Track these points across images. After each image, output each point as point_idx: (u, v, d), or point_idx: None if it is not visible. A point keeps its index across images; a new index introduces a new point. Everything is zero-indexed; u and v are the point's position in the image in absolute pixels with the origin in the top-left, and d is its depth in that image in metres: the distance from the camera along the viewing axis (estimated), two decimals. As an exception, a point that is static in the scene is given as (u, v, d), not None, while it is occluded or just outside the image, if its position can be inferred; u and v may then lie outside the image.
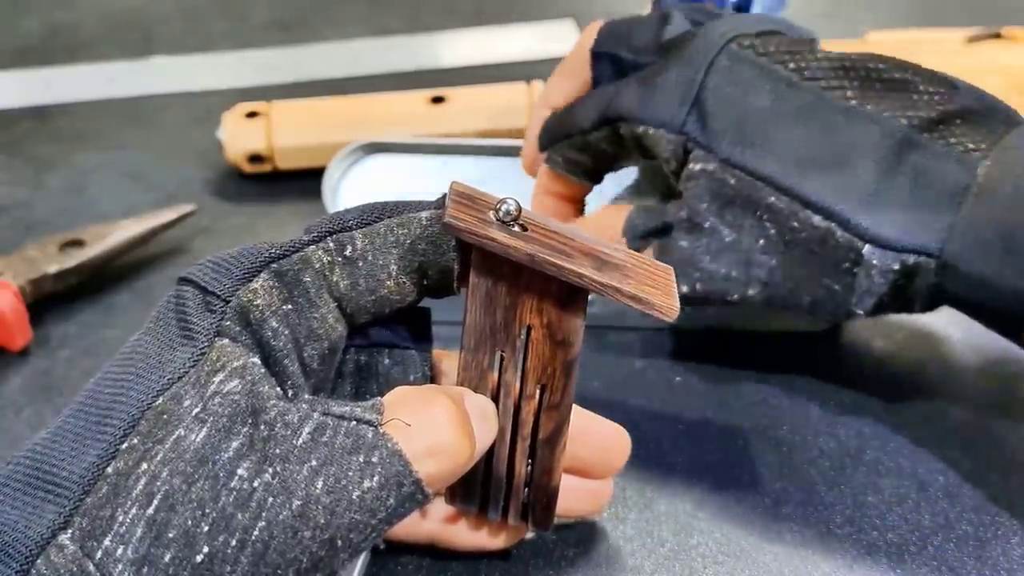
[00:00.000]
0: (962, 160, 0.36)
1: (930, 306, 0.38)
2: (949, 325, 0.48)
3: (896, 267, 0.36)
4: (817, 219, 0.37)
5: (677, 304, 0.30)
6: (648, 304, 0.30)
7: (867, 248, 0.36)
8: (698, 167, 0.39)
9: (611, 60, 0.45)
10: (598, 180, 0.46)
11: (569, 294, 0.30)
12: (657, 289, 0.30)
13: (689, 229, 0.40)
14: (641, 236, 0.41)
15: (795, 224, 0.37)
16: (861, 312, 0.38)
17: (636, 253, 0.32)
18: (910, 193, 0.36)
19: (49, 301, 0.50)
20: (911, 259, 0.36)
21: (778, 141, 0.38)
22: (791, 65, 0.39)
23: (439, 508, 0.36)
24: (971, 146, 0.36)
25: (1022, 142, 0.36)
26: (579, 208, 0.47)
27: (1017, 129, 0.36)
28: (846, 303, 0.38)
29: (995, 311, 0.36)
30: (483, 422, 0.31)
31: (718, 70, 0.40)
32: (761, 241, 0.38)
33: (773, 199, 0.38)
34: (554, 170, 0.46)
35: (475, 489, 0.34)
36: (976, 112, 0.37)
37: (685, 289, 0.40)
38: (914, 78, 0.38)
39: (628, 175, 0.50)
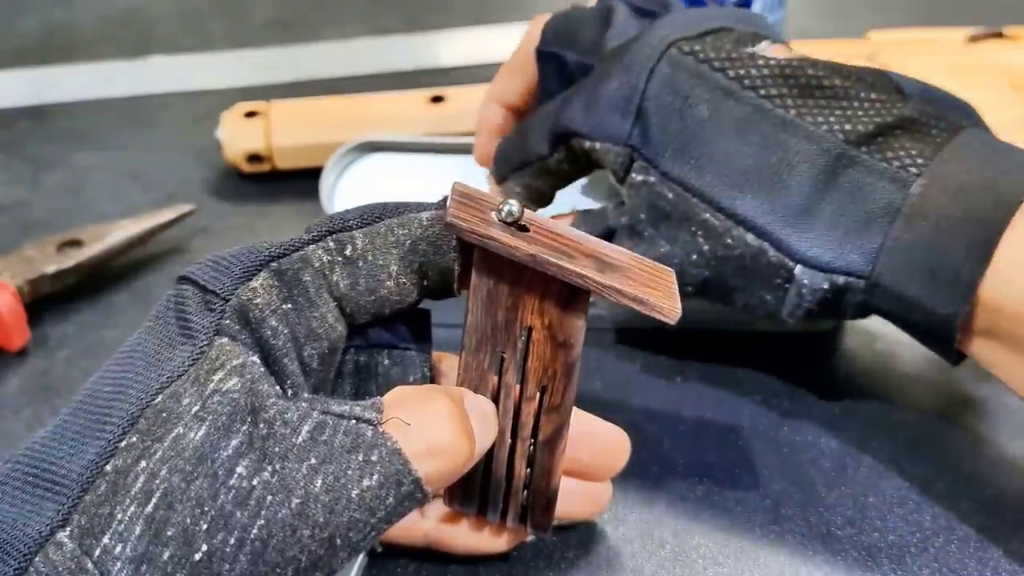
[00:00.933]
0: (897, 178, 0.35)
1: (860, 316, 0.38)
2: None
3: (825, 286, 0.36)
4: (750, 237, 0.37)
5: (678, 306, 0.30)
6: (649, 306, 0.30)
7: (798, 268, 0.37)
8: (639, 178, 0.40)
9: (554, 60, 0.45)
10: (550, 202, 0.47)
11: (571, 295, 0.31)
12: (658, 291, 0.30)
13: (629, 235, 0.40)
14: None
15: (728, 241, 0.38)
16: (790, 320, 0.38)
17: (638, 256, 0.32)
18: (843, 212, 0.36)
19: (47, 301, 0.50)
20: (840, 279, 0.36)
21: (716, 156, 0.38)
22: (731, 73, 0.38)
23: (437, 509, 0.36)
24: (908, 162, 0.36)
25: (959, 154, 0.36)
26: None
27: (959, 137, 0.36)
28: (777, 312, 0.38)
29: (923, 329, 0.36)
30: (483, 423, 0.31)
31: (658, 79, 0.39)
32: (694, 256, 0.39)
33: (708, 216, 0.38)
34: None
35: (474, 490, 0.34)
36: (916, 122, 0.37)
37: None
38: (855, 85, 0.38)
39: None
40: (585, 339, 0.32)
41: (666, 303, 0.30)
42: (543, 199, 0.46)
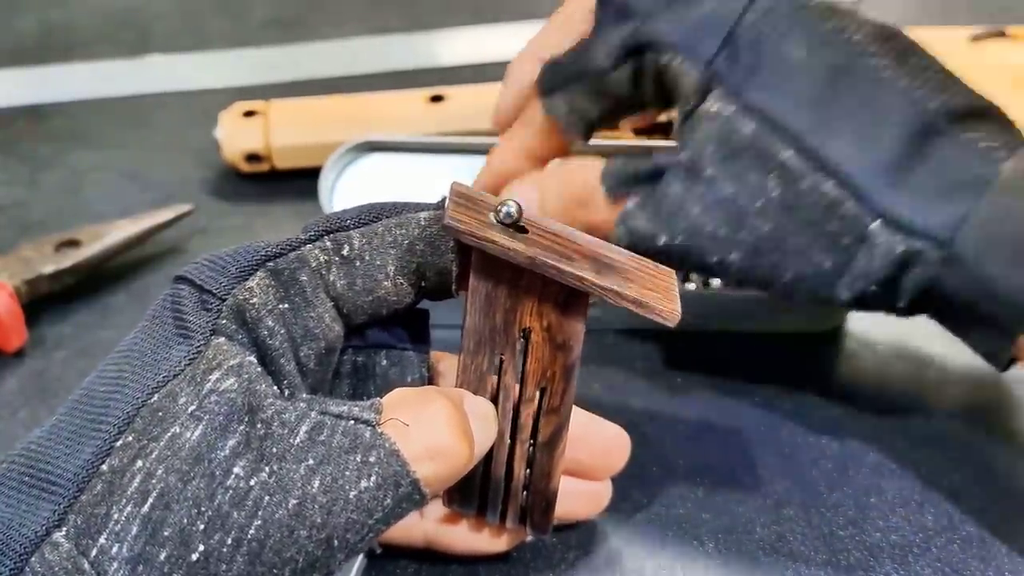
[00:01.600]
0: (985, 155, 0.35)
1: (914, 306, 0.36)
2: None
3: (900, 249, 0.34)
4: (829, 185, 0.35)
5: (679, 308, 0.30)
6: (649, 308, 0.30)
7: (875, 225, 0.35)
8: (715, 108, 0.37)
9: (619, 9, 0.40)
10: (589, 136, 0.43)
11: (570, 297, 0.31)
12: (658, 293, 0.30)
13: (686, 175, 0.37)
14: (624, 183, 0.38)
15: (804, 187, 0.35)
16: (842, 298, 0.36)
17: (638, 256, 0.32)
18: (932, 176, 0.35)
19: (45, 302, 0.50)
20: (918, 244, 0.34)
21: (807, 96, 0.36)
22: (830, 23, 0.37)
23: (437, 510, 0.36)
24: (996, 144, 0.35)
25: None
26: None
27: None
28: (830, 285, 0.36)
29: (985, 318, 0.35)
30: (482, 424, 0.31)
31: (757, 10, 0.38)
32: (760, 201, 0.36)
33: (790, 154, 0.36)
34: (553, 119, 0.41)
35: (473, 492, 0.34)
36: (998, 116, 0.36)
37: (665, 239, 0.37)
38: (944, 67, 0.37)
39: None
40: (584, 340, 0.32)
41: (666, 305, 0.30)
42: (586, 127, 0.42)
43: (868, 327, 0.48)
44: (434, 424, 0.28)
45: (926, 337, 0.47)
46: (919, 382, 0.45)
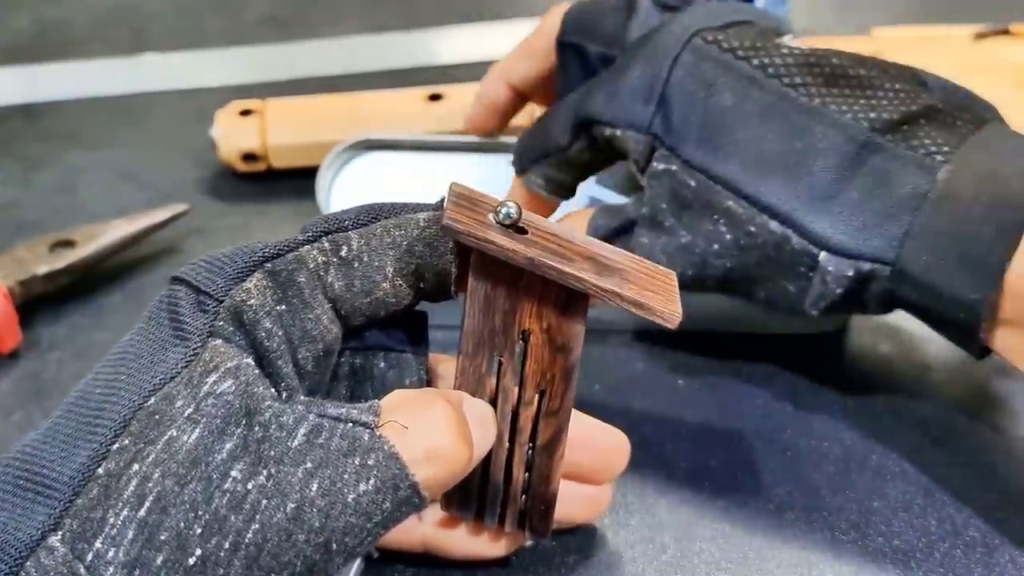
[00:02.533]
0: (923, 165, 0.36)
1: (884, 310, 0.38)
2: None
3: (850, 273, 0.36)
4: (774, 224, 0.37)
5: (679, 310, 0.30)
6: (649, 310, 0.30)
7: (823, 255, 0.37)
8: (660, 167, 0.40)
9: (576, 50, 0.45)
10: (572, 194, 0.47)
11: (569, 299, 0.31)
12: (659, 294, 0.30)
13: (650, 226, 0.40)
14: (605, 237, 0.41)
15: (752, 229, 0.38)
16: (812, 313, 0.38)
17: (639, 258, 0.32)
18: (868, 198, 0.36)
19: (39, 303, 0.50)
20: (866, 266, 0.36)
21: (740, 143, 0.38)
22: (755, 61, 0.39)
23: (435, 514, 0.36)
24: (934, 149, 0.36)
25: (986, 144, 0.36)
26: None
27: (984, 130, 0.36)
28: (799, 303, 0.38)
29: (947, 320, 0.36)
30: (482, 427, 0.31)
31: (682, 67, 0.40)
32: (716, 245, 0.39)
33: (731, 203, 0.38)
34: (533, 192, 0.46)
35: (471, 495, 0.34)
36: (942, 112, 0.37)
37: None
38: (880, 76, 0.38)
39: None
40: (584, 341, 0.32)
41: (667, 307, 0.30)
42: (565, 191, 0.46)
43: (871, 329, 0.48)
44: (433, 426, 0.28)
45: (930, 339, 0.47)
46: (923, 384, 0.45)
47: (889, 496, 0.40)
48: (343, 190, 0.54)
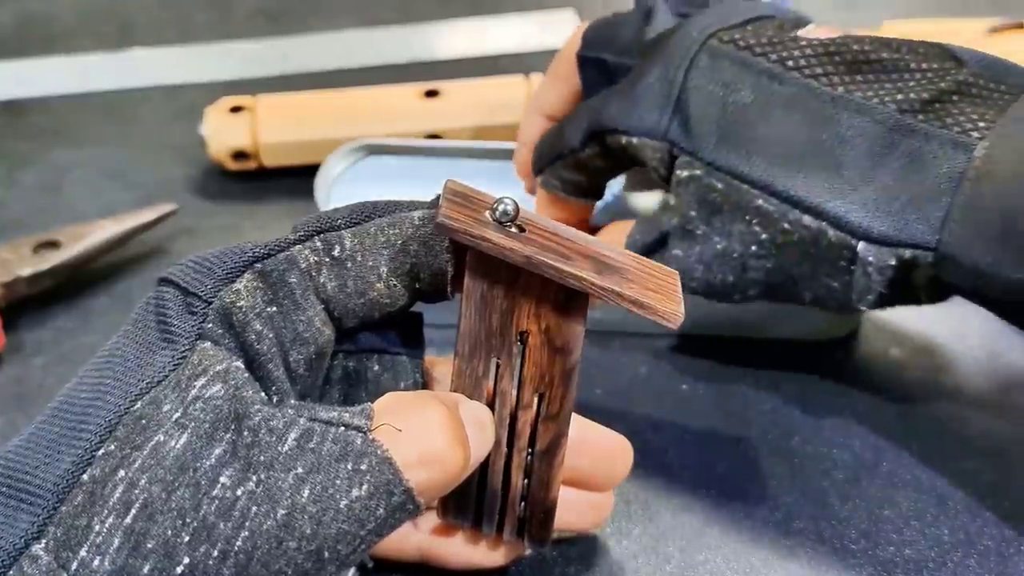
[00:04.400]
0: (958, 143, 0.35)
1: (936, 297, 0.38)
2: (966, 329, 0.48)
3: (892, 262, 0.36)
4: (808, 219, 0.37)
5: (681, 309, 0.30)
6: (650, 309, 0.30)
7: (861, 245, 0.36)
8: (684, 174, 0.40)
9: (596, 64, 0.45)
10: (599, 196, 0.47)
11: (568, 298, 0.31)
12: (660, 294, 0.30)
13: (682, 237, 0.40)
14: (643, 252, 0.41)
15: (786, 226, 0.38)
16: (861, 308, 0.38)
17: (640, 257, 0.32)
18: (903, 182, 0.36)
19: (23, 306, 0.51)
20: (907, 253, 0.36)
21: (763, 139, 0.38)
22: (773, 56, 0.39)
23: (430, 522, 0.36)
24: (969, 126, 0.35)
25: None
26: (584, 228, 0.48)
27: (1022, 99, 0.36)
28: (847, 300, 0.38)
29: (997, 300, 0.36)
30: (479, 430, 0.31)
31: (698, 69, 0.40)
32: (753, 247, 0.39)
33: (761, 202, 0.38)
34: (552, 193, 0.46)
35: (469, 502, 0.34)
36: (976, 86, 0.37)
37: (685, 292, 0.40)
38: (905, 56, 0.38)
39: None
40: (584, 343, 0.32)
41: (668, 307, 0.30)
42: (583, 192, 0.46)
43: (881, 333, 0.48)
44: (428, 429, 0.29)
45: (941, 342, 0.47)
46: (934, 390, 0.46)
47: (900, 504, 0.40)
48: (344, 193, 0.54)
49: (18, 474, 0.27)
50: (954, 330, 0.48)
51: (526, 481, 0.34)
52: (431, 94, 0.62)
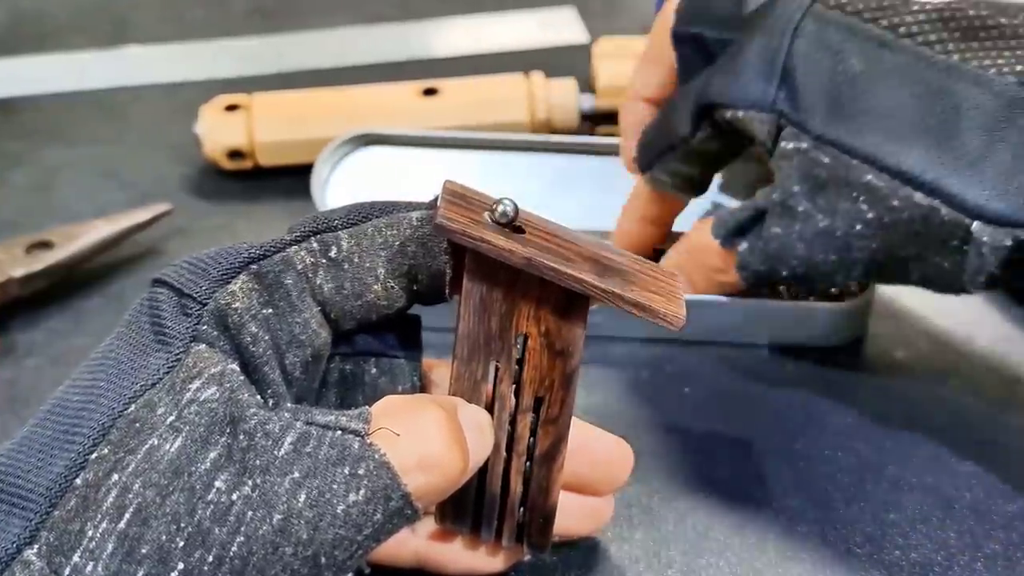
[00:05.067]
0: None
1: None
2: (974, 330, 0.48)
3: (1008, 243, 0.35)
4: (919, 196, 0.36)
5: (683, 312, 0.30)
6: (652, 312, 0.30)
7: (976, 225, 0.35)
8: (790, 146, 0.39)
9: (693, 40, 0.44)
10: (704, 189, 0.46)
11: (568, 301, 0.31)
12: (662, 296, 0.30)
13: (782, 214, 0.39)
14: (734, 233, 0.41)
15: (896, 203, 0.37)
16: (972, 290, 0.37)
17: (641, 258, 0.32)
18: (1022, 161, 0.35)
19: (15, 307, 0.51)
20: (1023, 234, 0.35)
21: (874, 111, 0.37)
22: (883, 22, 0.38)
23: (428, 527, 0.36)
24: None
25: None
26: (667, 231, 0.48)
27: None
28: (958, 280, 0.37)
29: None
30: (478, 434, 0.31)
31: (804, 36, 0.39)
32: (859, 226, 0.38)
33: (871, 177, 0.37)
34: (659, 191, 0.46)
35: (467, 508, 0.34)
36: None
37: (785, 274, 0.40)
38: None
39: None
40: (585, 346, 0.32)
41: (670, 309, 0.30)
42: (695, 186, 0.45)
43: (886, 335, 0.48)
44: (426, 433, 0.29)
45: (948, 344, 0.47)
46: (941, 392, 0.46)
47: (906, 508, 0.40)
48: (339, 187, 0.54)
49: (10, 478, 0.27)
50: (961, 331, 0.48)
51: (525, 486, 0.34)
52: (430, 92, 0.62)
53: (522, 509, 0.34)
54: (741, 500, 0.40)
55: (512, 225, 0.30)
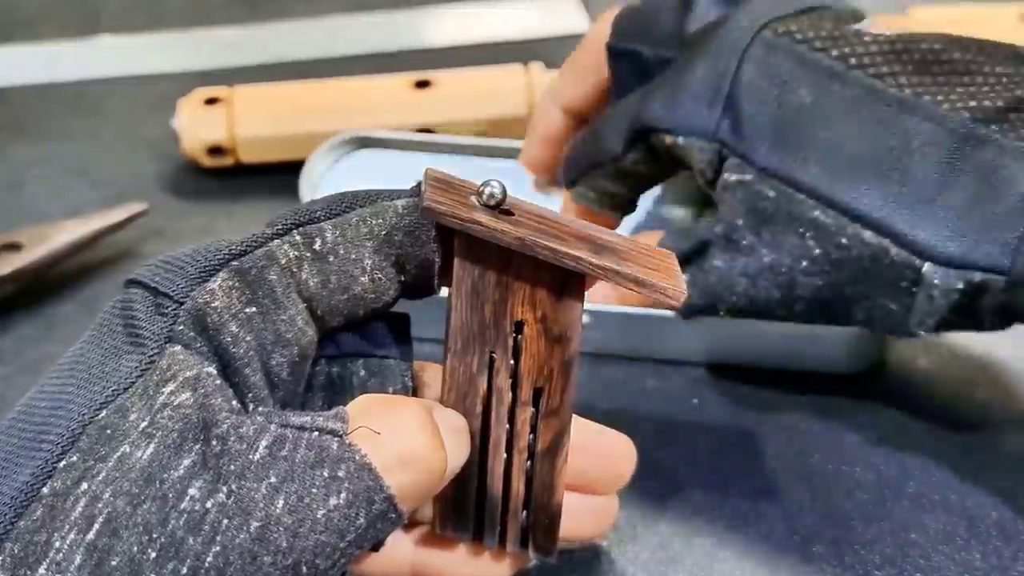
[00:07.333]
0: None
1: (1003, 323, 0.38)
2: (999, 337, 0.48)
3: (960, 286, 0.36)
4: (868, 234, 0.37)
5: (683, 286, 0.31)
6: (652, 286, 0.30)
7: (927, 266, 0.36)
8: (733, 178, 0.39)
9: (630, 57, 0.45)
10: (632, 208, 0.47)
11: (564, 282, 0.31)
12: (660, 272, 0.31)
13: (725, 248, 0.40)
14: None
15: (843, 241, 0.37)
16: (918, 334, 0.38)
17: (634, 239, 0.32)
18: (976, 199, 0.36)
19: (-19, 312, 0.51)
20: (977, 276, 0.36)
21: (822, 144, 0.38)
22: (834, 52, 0.39)
23: (426, 536, 0.36)
24: None
25: None
26: None
27: None
28: (903, 323, 0.38)
29: None
30: (455, 436, 0.31)
31: (751, 62, 0.40)
32: (804, 262, 0.38)
33: (818, 213, 0.38)
34: (585, 207, 0.46)
35: (468, 513, 0.34)
36: None
37: (724, 308, 0.41)
38: (978, 58, 0.38)
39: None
40: (591, 358, 0.32)
41: (669, 283, 0.30)
42: (622, 205, 0.46)
43: (908, 343, 0.48)
44: (406, 429, 0.29)
45: (973, 354, 0.48)
46: (965, 404, 0.46)
47: (928, 527, 0.40)
48: (330, 191, 0.54)
49: (-27, 488, 0.27)
50: (986, 339, 0.48)
51: (528, 485, 0.34)
52: (422, 84, 0.62)
53: (526, 511, 0.34)
54: (753, 518, 0.41)
55: (501, 208, 0.30)
